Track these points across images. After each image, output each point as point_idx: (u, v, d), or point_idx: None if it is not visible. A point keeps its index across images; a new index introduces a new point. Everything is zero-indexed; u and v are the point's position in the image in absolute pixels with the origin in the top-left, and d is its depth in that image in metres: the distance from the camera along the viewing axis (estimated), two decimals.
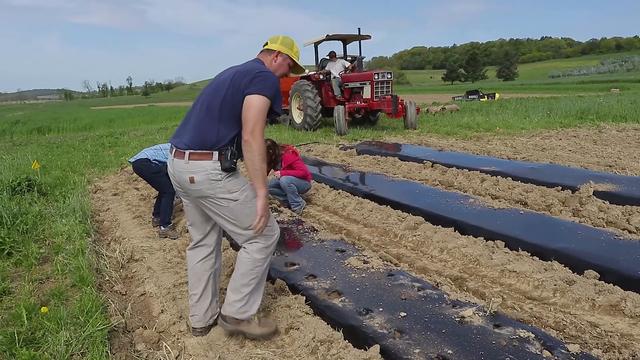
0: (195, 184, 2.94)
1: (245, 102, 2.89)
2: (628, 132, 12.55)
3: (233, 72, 3.02)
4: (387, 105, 14.74)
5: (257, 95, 2.88)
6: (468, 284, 4.06)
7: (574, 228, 4.86)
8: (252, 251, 3.06)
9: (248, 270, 3.06)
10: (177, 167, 3.03)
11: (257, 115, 2.86)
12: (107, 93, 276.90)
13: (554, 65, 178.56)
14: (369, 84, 15.08)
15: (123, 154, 12.49)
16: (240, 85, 2.92)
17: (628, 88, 43.70)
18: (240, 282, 3.09)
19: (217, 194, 2.93)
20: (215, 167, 2.91)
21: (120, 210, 7.14)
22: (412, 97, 42.28)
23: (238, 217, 2.98)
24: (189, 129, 3.04)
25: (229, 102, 2.94)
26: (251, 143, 2.87)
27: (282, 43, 3.23)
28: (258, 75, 2.95)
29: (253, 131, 2.86)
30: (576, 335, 3.22)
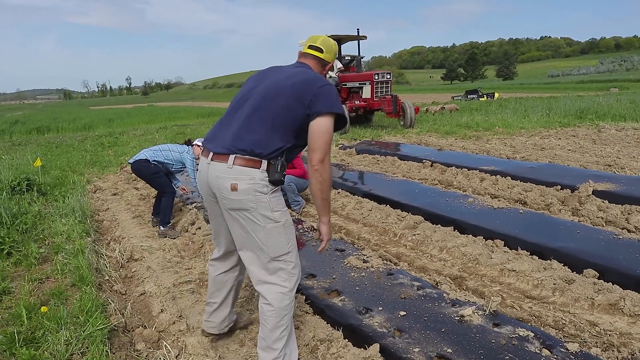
0: (237, 192, 2.56)
1: (316, 125, 2.62)
2: (627, 131, 12.57)
3: (292, 83, 2.70)
4: (387, 105, 15.01)
5: (327, 117, 2.62)
6: (467, 283, 4.07)
7: (573, 227, 4.87)
8: (275, 301, 2.67)
9: (276, 324, 2.68)
10: (215, 172, 2.64)
11: (328, 142, 2.64)
12: (107, 93, 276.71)
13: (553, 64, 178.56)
14: (369, 84, 15.30)
15: (122, 154, 12.49)
16: (304, 99, 2.63)
17: (627, 88, 43.75)
18: (271, 338, 2.70)
19: (259, 208, 2.57)
20: (263, 177, 2.57)
21: (120, 210, 7.14)
22: (412, 97, 42.35)
23: (269, 242, 2.62)
24: (231, 132, 2.69)
25: (287, 114, 2.64)
26: (322, 173, 2.64)
27: (328, 51, 2.96)
28: (323, 91, 2.67)
29: (323, 160, 2.63)
30: (575, 334, 3.22)
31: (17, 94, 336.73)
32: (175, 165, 5.95)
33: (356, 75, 16.21)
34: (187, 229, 5.83)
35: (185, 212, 6.49)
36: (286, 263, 2.67)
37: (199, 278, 4.43)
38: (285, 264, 2.67)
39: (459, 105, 24.33)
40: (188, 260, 4.93)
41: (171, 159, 5.92)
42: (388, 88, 15.61)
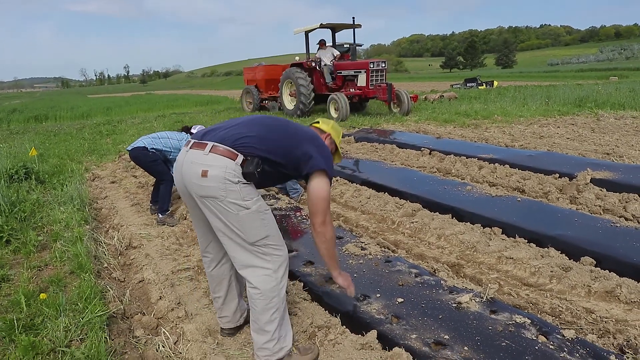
0: (207, 178, 2.54)
1: (314, 188, 2.73)
2: (626, 119, 12.55)
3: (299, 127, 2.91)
4: (381, 93, 15.20)
5: (323, 175, 2.75)
6: (465, 270, 4.08)
7: (571, 215, 4.88)
8: (260, 283, 2.67)
9: (265, 306, 2.69)
10: (190, 158, 2.65)
11: (327, 204, 2.75)
12: (105, 81, 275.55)
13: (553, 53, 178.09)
14: (365, 72, 15.43)
15: (121, 142, 12.46)
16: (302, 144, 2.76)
17: (627, 76, 43.64)
18: (262, 321, 2.71)
19: (228, 196, 2.55)
20: (236, 169, 2.56)
21: (118, 198, 7.14)
22: (410, 85, 42.28)
23: (245, 228, 2.60)
24: (222, 129, 2.74)
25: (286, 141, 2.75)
26: (325, 233, 2.79)
27: (333, 128, 3.17)
28: (323, 148, 2.84)
29: (324, 222, 2.77)
30: (572, 321, 3.24)
31: (15, 83, 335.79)
32: (173, 152, 5.92)
33: (351, 63, 16.31)
34: (186, 216, 5.84)
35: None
36: (267, 247, 2.67)
37: (197, 265, 4.44)
38: (265, 247, 2.67)
39: (458, 94, 24.26)
40: (186, 248, 4.94)
41: (169, 146, 5.90)
42: (383, 76, 15.74)
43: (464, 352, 2.66)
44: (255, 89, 19.61)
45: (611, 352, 2.60)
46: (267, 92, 19.36)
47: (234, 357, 3.00)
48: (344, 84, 16.27)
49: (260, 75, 19.60)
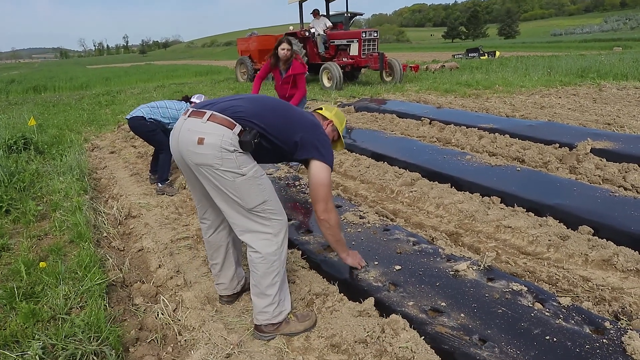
0: (203, 146, 2.50)
1: (313, 176, 2.76)
2: (629, 90, 12.45)
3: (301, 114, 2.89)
4: (373, 62, 15.59)
5: (323, 165, 2.77)
6: (463, 239, 4.09)
7: (570, 185, 4.87)
8: (261, 247, 2.68)
9: (266, 270, 2.70)
10: (187, 126, 2.61)
11: (327, 191, 2.78)
12: (104, 51, 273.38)
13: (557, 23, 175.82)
14: (357, 41, 15.76)
15: (120, 112, 12.41)
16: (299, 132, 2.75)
17: (631, 47, 43.09)
18: (263, 284, 2.72)
19: (224, 165, 2.52)
20: (233, 137, 2.53)
21: (118, 168, 7.14)
22: (412, 55, 41.92)
23: (243, 195, 2.59)
24: (222, 101, 2.73)
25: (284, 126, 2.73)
26: (328, 220, 2.84)
27: (336, 115, 3.14)
28: (322, 138, 2.84)
29: (326, 209, 2.81)
30: (568, 289, 3.26)
31: (13, 53, 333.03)
32: (171, 123, 5.86)
33: (344, 33, 16.53)
34: (185, 186, 5.83)
35: None
36: (265, 212, 2.66)
37: (196, 234, 4.46)
38: (264, 212, 2.66)
39: (460, 64, 24.05)
40: (185, 217, 4.96)
41: (167, 116, 5.84)
42: (375, 45, 16.06)
43: (460, 319, 2.68)
44: (249, 59, 19.64)
45: (606, 319, 2.62)
46: (261, 63, 19.16)
47: (232, 324, 3.03)
48: (336, 53, 16.50)
49: (253, 46, 19.59)
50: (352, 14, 18.04)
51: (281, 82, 6.42)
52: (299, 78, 6.37)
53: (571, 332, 2.51)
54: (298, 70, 6.33)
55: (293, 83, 6.37)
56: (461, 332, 2.57)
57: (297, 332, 2.87)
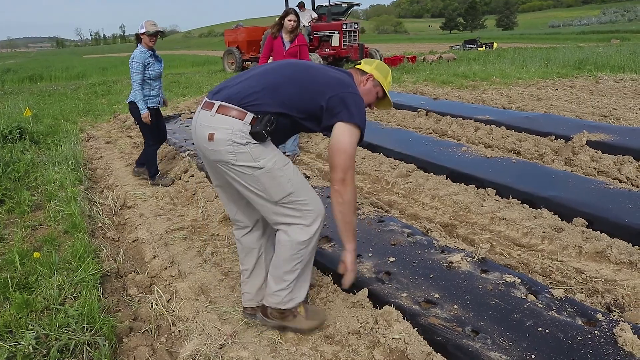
0: (213, 142, 2.36)
1: (334, 138, 2.43)
2: (625, 82, 12.44)
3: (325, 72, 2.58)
4: (353, 53, 16.43)
5: (349, 125, 2.42)
6: (458, 230, 4.10)
7: (565, 177, 4.88)
8: (292, 233, 2.48)
9: (290, 256, 2.51)
10: (199, 120, 2.47)
11: (349, 159, 2.43)
12: (100, 41, 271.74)
13: (555, 14, 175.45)
14: (338, 33, 16.49)
15: (116, 102, 12.37)
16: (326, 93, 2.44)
17: (629, 39, 43.02)
18: (282, 269, 2.54)
19: (239, 160, 2.35)
20: (243, 129, 2.34)
21: (113, 158, 7.12)
22: (410, 46, 41.83)
23: (266, 188, 2.40)
24: (233, 84, 2.52)
25: (306, 94, 2.45)
26: (342, 193, 2.46)
27: (377, 68, 2.74)
28: (351, 97, 2.47)
29: (344, 180, 2.44)
30: (562, 280, 3.27)
31: (8, 42, 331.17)
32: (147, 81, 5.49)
33: (326, 24, 17.18)
34: (180, 176, 5.83)
35: (179, 160, 6.47)
36: (294, 203, 2.44)
37: (191, 225, 4.46)
38: (293, 204, 2.45)
39: (457, 55, 24.01)
40: (181, 208, 4.96)
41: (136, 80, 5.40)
42: (355, 37, 16.79)
43: (454, 311, 2.69)
44: (237, 50, 20.07)
45: (598, 311, 2.63)
46: (249, 53, 19.82)
47: (226, 315, 3.03)
48: (320, 44, 17.08)
49: (241, 37, 20.13)
50: (349, 5, 18.08)
51: (285, 53, 6.41)
52: (304, 49, 6.45)
53: (563, 323, 2.52)
54: (304, 41, 6.45)
55: (299, 55, 6.42)
56: (454, 324, 2.58)
57: (300, 330, 2.74)
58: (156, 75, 5.44)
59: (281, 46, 6.38)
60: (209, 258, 3.81)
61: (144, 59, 5.33)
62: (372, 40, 67.07)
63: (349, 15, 19.20)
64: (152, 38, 5.34)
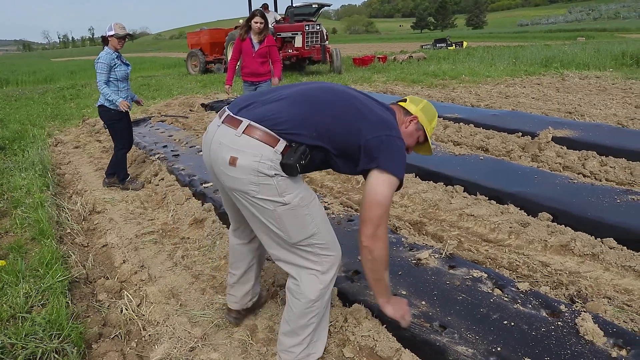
0: (235, 168, 2.05)
1: (370, 188, 2.15)
2: (590, 79, 12.73)
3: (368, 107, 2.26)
4: (316, 54, 16.85)
5: (388, 175, 2.12)
6: (427, 228, 4.15)
7: (531, 173, 4.97)
8: (304, 283, 2.23)
9: (304, 310, 2.25)
10: (219, 138, 2.14)
11: (384, 214, 2.15)
12: (69, 44, 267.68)
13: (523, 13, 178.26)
14: (301, 34, 16.71)
15: (85, 106, 12.19)
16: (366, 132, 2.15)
17: (593, 37, 43.97)
18: (296, 324, 2.29)
19: (261, 192, 2.05)
20: (273, 158, 2.04)
21: (82, 163, 7.03)
22: (381, 46, 42.07)
23: (286, 227, 2.13)
24: (265, 102, 2.21)
25: (343, 127, 2.16)
26: (372, 250, 2.18)
27: (423, 110, 2.44)
28: (394, 142, 2.18)
29: (375, 235, 2.16)
30: (528, 274, 3.34)
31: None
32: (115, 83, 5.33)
33: (289, 26, 17.31)
34: (150, 180, 5.78)
35: (149, 163, 6.42)
36: (313, 246, 2.20)
37: (161, 229, 4.44)
38: (311, 247, 2.20)
39: (427, 54, 24.25)
40: (151, 212, 4.92)
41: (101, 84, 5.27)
42: (318, 38, 17.02)
43: (422, 306, 2.73)
44: (200, 52, 20.35)
45: (562, 302, 2.69)
46: (212, 55, 20.17)
47: (196, 318, 3.02)
48: (283, 45, 17.15)
49: (204, 39, 20.45)
50: (320, 5, 18.13)
51: (255, 55, 6.57)
52: (274, 50, 6.61)
53: (528, 316, 2.58)
54: (273, 42, 6.61)
55: (268, 55, 6.58)
56: (422, 320, 2.61)
57: None
58: (123, 76, 5.37)
59: (250, 47, 6.48)
60: (180, 261, 3.80)
61: (110, 59, 5.23)
62: (343, 40, 67.31)
63: (319, 16, 19.25)
64: (120, 41, 5.28)
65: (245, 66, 6.76)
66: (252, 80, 6.84)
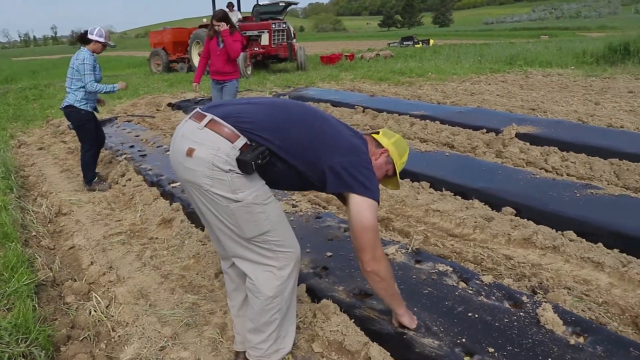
0: (191, 159, 2.05)
1: (355, 217, 2.16)
2: (552, 77, 13.02)
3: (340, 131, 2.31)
4: (283, 51, 17.19)
5: (367, 199, 2.16)
6: (394, 224, 4.21)
7: (495, 168, 5.09)
8: (260, 281, 2.21)
9: (264, 307, 2.23)
10: (182, 131, 2.15)
11: (376, 236, 2.20)
12: (30, 43, 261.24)
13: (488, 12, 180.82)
14: (267, 32, 16.99)
15: (49, 107, 11.96)
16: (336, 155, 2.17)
17: (556, 35, 44.84)
18: (258, 321, 2.27)
19: (214, 186, 2.04)
20: (230, 153, 2.03)
21: (47, 165, 6.92)
22: (348, 44, 42.19)
23: (239, 224, 2.11)
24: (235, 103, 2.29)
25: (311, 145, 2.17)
26: (378, 271, 2.24)
27: (395, 144, 2.46)
28: (362, 166, 2.21)
29: (375, 258, 2.21)
30: (492, 267, 3.43)
31: None
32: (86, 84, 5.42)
33: (255, 24, 17.61)
34: (117, 181, 5.73)
35: (115, 164, 6.35)
36: (268, 243, 2.18)
37: (129, 229, 4.41)
38: (266, 244, 2.18)
39: (394, 52, 24.45)
40: (118, 212, 4.88)
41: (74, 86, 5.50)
42: (284, 36, 17.32)
43: None
44: (163, 51, 20.37)
45: (524, 293, 2.79)
46: (175, 54, 20.18)
47: (166, 317, 3.03)
48: (248, 43, 17.24)
49: (167, 38, 20.44)
50: (287, 3, 18.18)
51: (219, 53, 6.83)
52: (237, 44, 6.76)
53: (492, 307, 2.66)
54: (236, 38, 6.76)
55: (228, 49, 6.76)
56: (389, 314, 2.67)
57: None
58: (99, 79, 5.48)
59: (216, 45, 6.82)
60: (148, 262, 3.79)
61: (93, 61, 5.42)
62: (311, 38, 67.34)
63: (286, 14, 19.26)
64: (103, 47, 5.51)
65: (212, 64, 6.99)
66: (217, 78, 7.07)
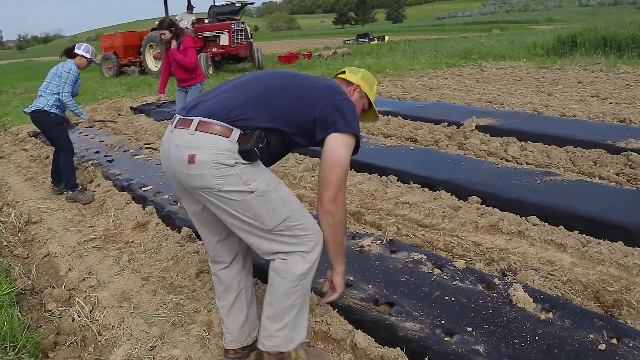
0: (195, 165, 2.02)
1: (329, 151, 2.15)
2: (506, 70, 13.41)
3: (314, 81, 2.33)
4: (243, 50, 17.55)
5: (345, 136, 2.16)
6: (366, 217, 4.34)
7: (459, 160, 5.28)
8: (291, 263, 2.19)
9: (290, 289, 2.19)
10: (175, 141, 2.11)
11: (345, 175, 2.18)
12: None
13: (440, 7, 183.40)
14: (227, 32, 17.26)
15: (3, 115, 11.70)
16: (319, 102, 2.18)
17: (507, 29, 45.95)
18: (281, 305, 2.22)
19: (226, 185, 2.02)
20: (231, 147, 2.03)
21: (9, 174, 6.80)
22: (304, 42, 42.38)
23: (258, 215, 2.09)
24: (210, 98, 2.22)
25: (297, 105, 2.18)
26: (334, 214, 2.19)
27: (363, 78, 2.51)
28: (346, 104, 2.23)
29: (336, 199, 2.16)
30: (462, 254, 3.59)
31: None
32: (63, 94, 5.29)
33: (213, 25, 17.75)
34: (86, 187, 5.69)
35: (82, 170, 6.30)
36: (291, 229, 2.17)
37: (104, 235, 4.42)
38: (290, 230, 2.17)
39: (351, 49, 24.69)
40: (90, 218, 4.88)
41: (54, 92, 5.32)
42: (243, 35, 17.66)
43: (369, 290, 2.92)
44: (114, 55, 20.27)
45: (495, 276, 2.96)
46: (126, 58, 20.17)
47: (152, 318, 3.08)
48: (205, 44, 17.50)
49: (118, 42, 20.31)
50: (242, 4, 18.19)
51: (171, 58, 6.81)
52: (189, 51, 6.74)
53: (466, 290, 2.82)
54: (188, 44, 6.71)
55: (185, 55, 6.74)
56: (370, 302, 2.80)
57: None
58: (76, 93, 5.53)
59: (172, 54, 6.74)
60: (127, 265, 3.82)
61: (77, 74, 5.44)
62: (266, 37, 67.20)
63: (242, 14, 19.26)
64: (88, 63, 5.58)
65: (174, 73, 6.99)
66: (181, 85, 7.06)
